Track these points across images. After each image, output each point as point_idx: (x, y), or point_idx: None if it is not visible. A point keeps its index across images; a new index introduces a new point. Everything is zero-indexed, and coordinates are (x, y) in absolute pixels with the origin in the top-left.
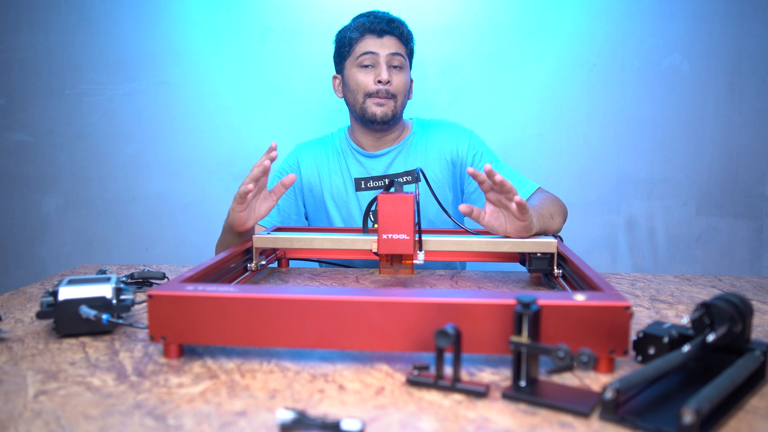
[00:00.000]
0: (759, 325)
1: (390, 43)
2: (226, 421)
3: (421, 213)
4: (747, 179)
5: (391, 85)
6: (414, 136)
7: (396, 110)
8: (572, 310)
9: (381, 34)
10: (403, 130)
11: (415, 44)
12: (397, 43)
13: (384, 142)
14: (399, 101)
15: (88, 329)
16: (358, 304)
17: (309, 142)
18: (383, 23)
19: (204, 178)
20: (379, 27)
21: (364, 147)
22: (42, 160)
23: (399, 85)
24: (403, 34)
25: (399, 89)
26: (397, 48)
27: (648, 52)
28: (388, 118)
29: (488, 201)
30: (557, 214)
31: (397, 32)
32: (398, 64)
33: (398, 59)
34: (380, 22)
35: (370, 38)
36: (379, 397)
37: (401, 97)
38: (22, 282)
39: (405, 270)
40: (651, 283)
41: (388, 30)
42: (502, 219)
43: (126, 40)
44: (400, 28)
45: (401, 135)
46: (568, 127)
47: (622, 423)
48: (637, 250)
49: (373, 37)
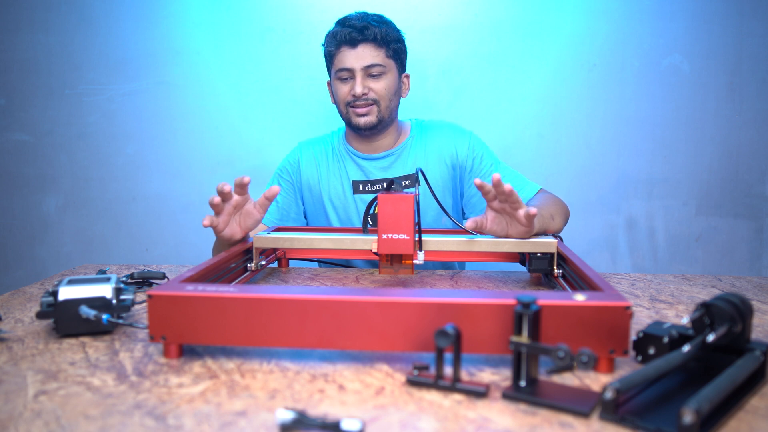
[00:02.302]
0: (759, 325)
1: (365, 52)
2: (226, 421)
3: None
4: (747, 179)
5: (369, 93)
6: (413, 139)
7: (381, 115)
8: (572, 310)
9: (355, 44)
10: (400, 133)
11: (404, 39)
12: (373, 51)
13: (379, 146)
14: (383, 105)
15: (88, 329)
16: (358, 304)
17: (311, 141)
18: (355, 32)
19: (204, 178)
20: (351, 37)
21: (360, 151)
22: (42, 160)
23: (380, 90)
24: (378, 37)
25: (381, 94)
26: (374, 56)
27: (648, 52)
28: (372, 125)
29: (490, 208)
30: (558, 214)
31: (371, 38)
32: (376, 72)
33: (376, 69)
34: (353, 31)
35: (345, 50)
36: (379, 397)
37: (385, 101)
38: (22, 282)
39: (405, 270)
40: (651, 283)
41: (362, 38)
42: (503, 223)
43: (126, 40)
44: (375, 33)
45: (399, 138)
46: (568, 127)
47: (622, 423)
48: (637, 250)
49: (347, 48)
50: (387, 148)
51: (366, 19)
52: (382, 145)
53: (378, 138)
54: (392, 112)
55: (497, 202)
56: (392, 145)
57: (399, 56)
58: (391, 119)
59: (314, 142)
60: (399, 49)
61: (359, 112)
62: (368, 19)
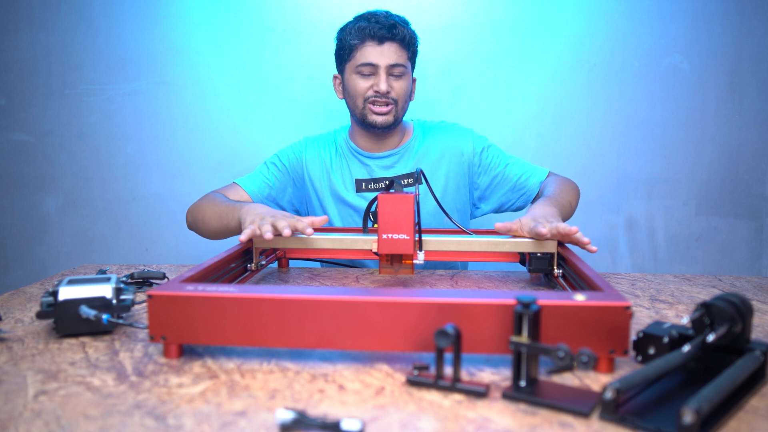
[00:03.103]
0: (759, 325)
1: (390, 51)
2: (226, 421)
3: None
4: (747, 179)
5: (391, 92)
6: (416, 139)
7: (397, 115)
8: (572, 310)
9: (382, 41)
10: (404, 133)
11: (419, 44)
12: (398, 51)
13: (384, 145)
14: (400, 106)
15: (88, 329)
16: (358, 304)
17: (316, 138)
18: (384, 30)
19: (204, 178)
20: (380, 33)
21: (364, 149)
22: (42, 160)
23: (399, 91)
24: (405, 39)
25: (400, 95)
26: (398, 56)
27: (648, 52)
28: (388, 124)
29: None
30: (574, 198)
31: (398, 38)
32: (398, 73)
33: (398, 69)
34: (381, 28)
35: (370, 45)
36: (379, 397)
37: (402, 102)
38: (22, 282)
39: (405, 270)
40: (651, 283)
41: (390, 36)
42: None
43: (126, 40)
44: (403, 33)
45: (402, 138)
46: (568, 127)
47: (622, 423)
48: (637, 250)
49: (373, 44)
50: (391, 147)
51: (393, 17)
52: (387, 145)
53: (385, 136)
54: (404, 114)
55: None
56: (396, 145)
57: (414, 60)
58: (401, 121)
59: (319, 139)
60: (416, 53)
61: (379, 111)
62: (393, 18)
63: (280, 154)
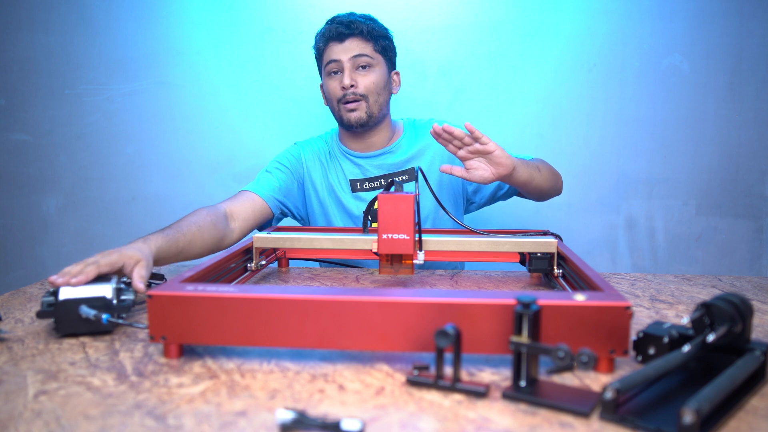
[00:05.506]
0: (759, 325)
1: (352, 45)
2: (226, 421)
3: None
4: (747, 179)
5: (358, 87)
6: (406, 137)
7: (370, 110)
8: (572, 310)
9: (342, 38)
10: (394, 132)
11: (392, 38)
12: (360, 43)
13: (373, 144)
14: (372, 100)
15: (88, 329)
16: (358, 304)
17: (308, 141)
18: (342, 27)
19: (204, 178)
20: (338, 32)
21: (355, 150)
22: (42, 160)
23: (368, 84)
24: (365, 32)
25: (369, 89)
26: (361, 48)
27: (648, 52)
28: (362, 121)
29: (462, 159)
30: (545, 169)
31: (358, 32)
32: (364, 63)
33: (363, 59)
34: (339, 26)
35: (333, 45)
36: (379, 397)
37: (374, 96)
38: (22, 282)
39: (405, 270)
40: (651, 283)
41: (349, 33)
42: (483, 166)
43: (126, 40)
44: (361, 27)
45: (392, 137)
46: (568, 127)
47: (622, 423)
48: (637, 250)
49: (335, 43)
50: (381, 146)
51: (352, 16)
52: (376, 143)
53: (371, 135)
54: (382, 107)
55: (463, 150)
56: (386, 143)
57: (387, 53)
58: (382, 115)
59: (312, 142)
60: (387, 46)
61: (349, 108)
62: (354, 16)
63: (279, 158)
